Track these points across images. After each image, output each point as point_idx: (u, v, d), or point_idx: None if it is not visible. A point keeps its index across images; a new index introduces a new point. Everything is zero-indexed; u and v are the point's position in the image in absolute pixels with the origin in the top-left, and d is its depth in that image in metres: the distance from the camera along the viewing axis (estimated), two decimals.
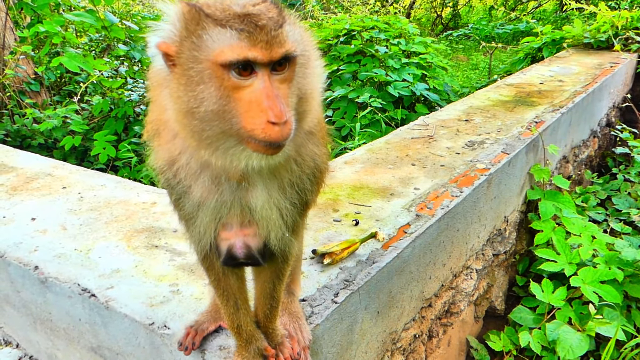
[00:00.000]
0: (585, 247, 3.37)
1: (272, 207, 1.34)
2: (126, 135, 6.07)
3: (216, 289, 1.58)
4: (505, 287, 3.95)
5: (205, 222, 1.36)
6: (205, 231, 1.38)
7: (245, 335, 1.63)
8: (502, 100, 4.67)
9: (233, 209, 1.33)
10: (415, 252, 2.51)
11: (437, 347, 3.03)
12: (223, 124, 1.11)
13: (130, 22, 7.63)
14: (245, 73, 1.09)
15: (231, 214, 1.34)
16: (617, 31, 6.80)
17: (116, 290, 2.11)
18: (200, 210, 1.34)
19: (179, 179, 1.32)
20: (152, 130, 1.34)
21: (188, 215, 1.38)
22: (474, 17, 17.30)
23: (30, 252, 2.38)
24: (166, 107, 1.19)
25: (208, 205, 1.32)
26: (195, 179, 1.30)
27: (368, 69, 6.67)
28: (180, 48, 1.12)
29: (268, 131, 1.07)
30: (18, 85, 6.39)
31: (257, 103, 1.08)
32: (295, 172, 1.34)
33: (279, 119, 1.06)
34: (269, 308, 1.64)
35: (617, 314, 3.15)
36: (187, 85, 1.10)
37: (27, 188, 3.03)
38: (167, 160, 1.31)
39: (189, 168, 1.29)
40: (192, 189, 1.32)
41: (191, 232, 1.42)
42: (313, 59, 1.23)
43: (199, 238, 1.40)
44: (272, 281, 1.58)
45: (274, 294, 1.61)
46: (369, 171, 3.21)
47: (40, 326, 2.40)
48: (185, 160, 1.29)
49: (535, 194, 3.85)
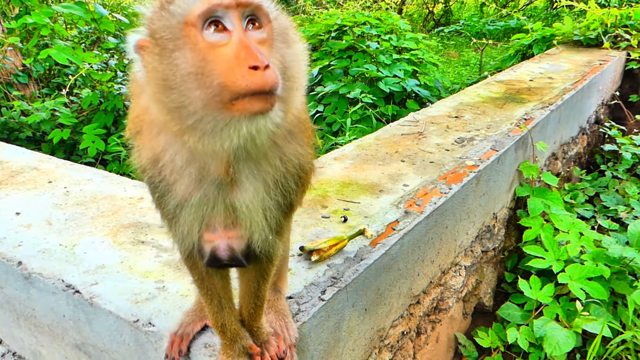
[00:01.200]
0: (573, 243, 3.38)
1: (257, 207, 1.31)
2: (116, 129, 6.03)
3: (200, 288, 1.56)
4: (494, 284, 3.97)
5: (188, 222, 1.33)
6: (188, 231, 1.35)
7: (229, 334, 1.61)
8: (492, 97, 4.68)
9: (216, 207, 1.29)
10: (403, 249, 2.50)
11: (426, 344, 3.03)
12: (202, 90, 1.03)
13: (121, 14, 7.55)
14: (219, 29, 1.04)
15: (214, 213, 1.31)
16: (606, 29, 6.84)
17: (101, 286, 2.08)
18: (184, 209, 1.31)
19: (162, 176, 1.28)
20: (134, 128, 1.31)
21: (171, 214, 1.35)
22: (466, 13, 17.33)
23: (14, 247, 2.35)
24: (145, 92, 1.14)
25: (192, 204, 1.29)
26: (180, 176, 1.26)
27: (359, 65, 6.66)
28: (151, 27, 1.09)
29: (250, 77, 1.00)
30: (6, 77, 6.32)
31: (234, 54, 1.02)
32: (280, 170, 1.31)
33: (260, 63, 0.99)
34: (254, 307, 1.63)
35: (603, 311, 3.17)
36: (161, 55, 1.06)
37: (12, 182, 2.99)
38: (150, 158, 1.27)
39: (173, 165, 1.25)
40: (176, 187, 1.27)
41: (174, 231, 1.39)
42: (294, 37, 1.17)
43: (182, 238, 1.38)
44: (257, 280, 1.57)
45: (259, 292, 1.60)
46: (358, 167, 3.20)
47: (24, 322, 2.37)
48: (169, 157, 1.25)
49: (524, 190, 3.86)
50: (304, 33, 7.69)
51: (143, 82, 1.13)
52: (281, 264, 1.82)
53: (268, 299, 1.72)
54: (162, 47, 1.06)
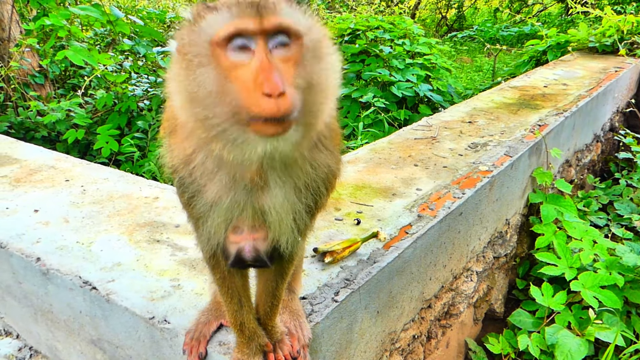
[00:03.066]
0: (586, 251, 3.37)
1: (287, 210, 1.32)
2: (129, 130, 6.08)
3: (220, 287, 1.58)
4: (505, 290, 3.95)
5: (216, 223, 1.34)
6: (215, 232, 1.36)
7: (247, 333, 1.63)
8: (506, 103, 4.67)
9: (245, 211, 1.31)
10: (416, 252, 2.51)
11: (436, 349, 3.03)
12: (224, 106, 1.07)
13: (136, 17, 7.64)
14: (244, 50, 1.07)
15: (243, 217, 1.32)
16: (622, 36, 6.79)
17: (117, 283, 2.11)
18: (212, 211, 1.32)
19: (193, 178, 1.29)
20: (168, 128, 1.34)
21: (199, 214, 1.36)
22: (479, 19, 17.30)
23: (33, 243, 2.39)
24: (173, 98, 1.17)
25: (221, 206, 1.30)
26: (211, 179, 1.28)
27: (372, 69, 6.67)
28: (181, 40, 1.14)
29: (263, 104, 1.02)
30: (23, 78, 6.40)
31: (252, 77, 1.05)
32: (310, 175, 1.31)
33: (273, 91, 1.01)
34: (270, 306, 1.64)
35: (616, 320, 3.15)
36: (188, 69, 1.10)
37: (30, 180, 3.04)
38: (182, 159, 1.29)
39: (204, 167, 1.27)
40: (206, 189, 1.30)
41: (200, 232, 1.40)
42: (326, 50, 1.17)
43: (208, 238, 1.38)
44: (275, 280, 1.59)
45: (276, 292, 1.62)
46: (371, 171, 3.21)
47: (41, 317, 2.41)
48: (200, 160, 1.26)
49: (537, 197, 3.85)
50: None
51: (172, 89, 1.16)
52: (297, 264, 1.84)
53: (283, 298, 1.73)
54: (189, 61, 1.10)
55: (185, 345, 1.79)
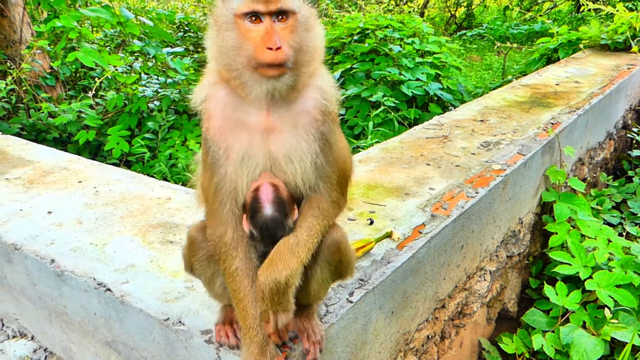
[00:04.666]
0: (601, 250, 3.33)
1: (297, 151, 1.60)
2: (139, 131, 6.09)
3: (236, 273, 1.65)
4: (519, 290, 3.92)
5: (234, 171, 1.60)
6: (235, 183, 1.61)
7: (257, 338, 1.66)
8: (518, 101, 4.63)
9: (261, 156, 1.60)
10: (430, 252, 2.49)
11: (450, 349, 3.01)
12: (242, 57, 1.53)
13: (145, 18, 7.66)
14: (255, 21, 1.51)
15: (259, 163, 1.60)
16: (635, 32, 6.71)
17: (131, 285, 2.12)
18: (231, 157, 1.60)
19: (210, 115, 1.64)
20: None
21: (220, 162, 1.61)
22: (488, 17, 17.19)
23: (47, 245, 2.40)
24: (209, 52, 1.62)
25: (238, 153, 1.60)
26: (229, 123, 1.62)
27: (381, 68, 6.64)
28: (214, 12, 1.60)
29: (267, 54, 1.48)
30: (34, 80, 6.44)
31: (260, 38, 1.50)
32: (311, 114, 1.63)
33: (273, 45, 1.47)
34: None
35: (633, 319, 3.11)
36: (219, 31, 1.57)
37: (44, 182, 3.05)
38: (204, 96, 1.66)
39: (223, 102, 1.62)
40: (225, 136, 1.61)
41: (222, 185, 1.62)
42: (313, 24, 1.60)
43: (231, 189, 1.61)
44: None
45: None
46: (383, 170, 3.20)
47: (56, 319, 2.42)
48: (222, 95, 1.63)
49: (551, 195, 3.81)
50: (326, 36, 7.69)
51: (208, 45, 1.62)
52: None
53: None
54: (219, 27, 1.57)
55: (218, 330, 1.82)
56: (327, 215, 1.65)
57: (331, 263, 1.70)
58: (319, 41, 1.62)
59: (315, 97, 1.63)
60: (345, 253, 1.74)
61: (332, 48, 7.70)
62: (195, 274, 1.83)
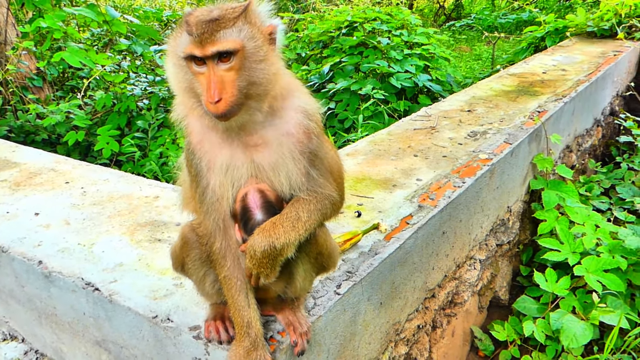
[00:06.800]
0: (589, 236, 3.36)
1: (277, 156, 1.58)
2: (129, 130, 6.07)
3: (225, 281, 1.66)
4: (509, 277, 3.95)
5: (220, 183, 1.59)
6: (221, 193, 1.60)
7: (249, 329, 1.66)
8: (505, 90, 4.65)
9: (243, 166, 1.59)
10: (417, 242, 2.51)
11: (441, 338, 3.03)
12: (196, 98, 1.54)
13: (132, 16, 7.62)
14: (199, 63, 1.48)
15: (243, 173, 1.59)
16: (620, 19, 6.74)
17: (120, 284, 2.12)
18: (214, 172, 1.60)
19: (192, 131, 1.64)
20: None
21: (203, 177, 1.61)
22: (477, 7, 17.19)
23: (34, 246, 2.39)
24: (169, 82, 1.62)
25: (221, 165, 1.59)
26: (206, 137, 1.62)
27: (370, 61, 6.64)
28: (170, 45, 1.57)
29: (209, 107, 1.47)
30: (21, 81, 6.39)
31: (204, 86, 1.48)
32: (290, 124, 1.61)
33: (211, 99, 1.45)
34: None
35: (620, 303, 3.15)
36: (174, 68, 1.56)
37: (31, 183, 3.04)
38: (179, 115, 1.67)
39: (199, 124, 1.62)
40: (206, 149, 1.61)
41: (208, 196, 1.61)
42: (267, 51, 1.52)
43: (217, 198, 1.61)
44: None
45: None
46: (371, 163, 3.21)
47: (45, 320, 2.42)
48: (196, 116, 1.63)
49: (539, 183, 3.84)
50: (315, 30, 7.68)
51: (169, 81, 1.62)
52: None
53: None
54: (172, 64, 1.57)
55: (207, 326, 1.81)
56: (324, 207, 1.65)
57: (310, 255, 1.71)
58: (274, 69, 1.53)
59: (296, 117, 1.60)
60: (324, 246, 1.75)
61: (321, 42, 7.69)
62: (187, 273, 1.83)
